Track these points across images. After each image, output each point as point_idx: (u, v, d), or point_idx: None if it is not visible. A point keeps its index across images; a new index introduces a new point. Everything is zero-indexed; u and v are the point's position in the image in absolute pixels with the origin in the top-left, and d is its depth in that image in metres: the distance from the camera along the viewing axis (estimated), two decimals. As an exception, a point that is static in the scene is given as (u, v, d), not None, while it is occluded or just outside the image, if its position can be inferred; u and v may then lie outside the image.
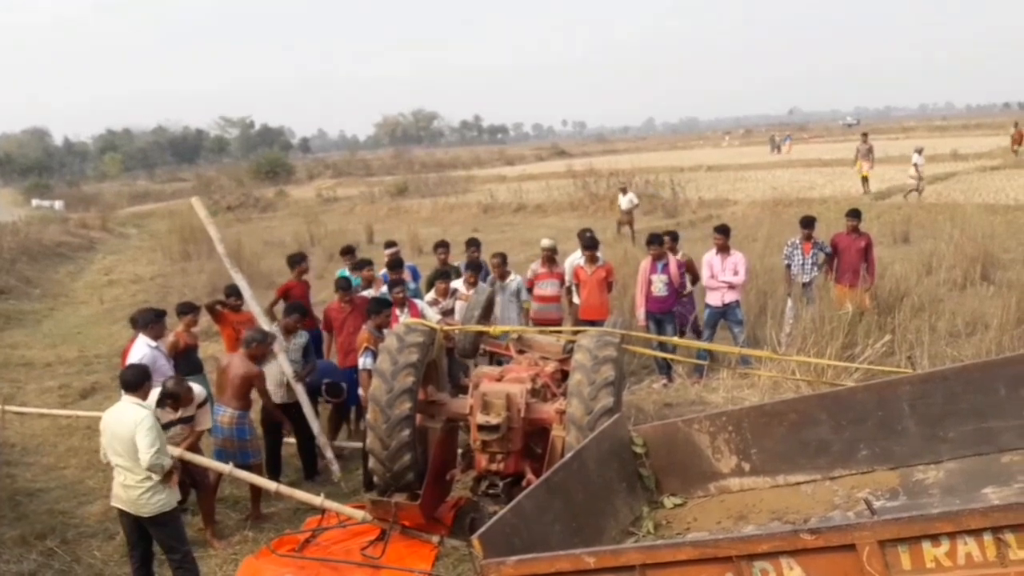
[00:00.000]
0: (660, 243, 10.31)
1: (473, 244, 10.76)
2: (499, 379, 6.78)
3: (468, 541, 4.75)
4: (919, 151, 26.77)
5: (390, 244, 11.94)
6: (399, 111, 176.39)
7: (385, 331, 7.80)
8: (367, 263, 10.39)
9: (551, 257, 10.54)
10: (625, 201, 22.68)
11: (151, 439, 5.67)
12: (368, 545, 6.76)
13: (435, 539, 6.76)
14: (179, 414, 6.93)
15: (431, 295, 9.74)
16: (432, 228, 26.99)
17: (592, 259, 10.33)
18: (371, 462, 6.60)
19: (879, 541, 3.46)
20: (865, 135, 32.27)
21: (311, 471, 8.49)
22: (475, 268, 9.87)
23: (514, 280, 10.14)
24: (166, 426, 6.71)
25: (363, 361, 7.90)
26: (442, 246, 11.15)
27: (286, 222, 33.38)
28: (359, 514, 6.88)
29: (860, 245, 10.90)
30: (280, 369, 8.23)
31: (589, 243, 10.44)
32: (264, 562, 6.66)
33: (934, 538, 3.43)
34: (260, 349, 7.59)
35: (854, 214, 11.26)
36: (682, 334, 10.32)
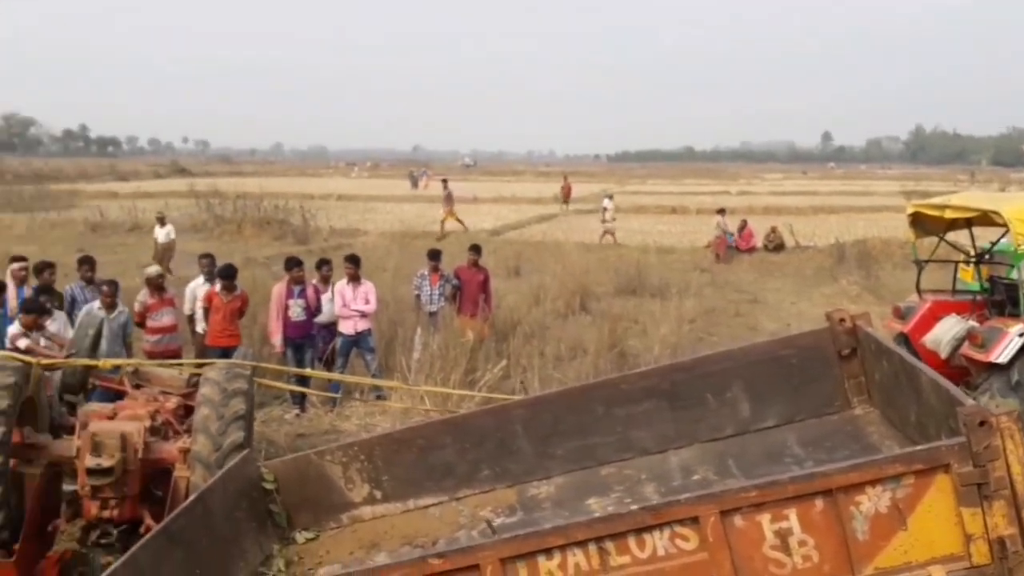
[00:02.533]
0: (300, 266, 10.21)
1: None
2: (112, 417, 6.17)
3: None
4: (610, 197, 28.98)
5: None
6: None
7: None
8: None
9: (160, 285, 9.88)
10: (163, 234, 20.20)
11: None
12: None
13: (31, 600, 5.97)
14: None
15: (16, 327, 8.45)
16: (29, 247, 23.89)
17: (229, 288, 9.87)
18: (-46, 518, 5.67)
19: (500, 559, 3.67)
20: (445, 181, 33.24)
21: None
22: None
23: (123, 312, 9.32)
24: None
25: None
26: (48, 267, 9.96)
27: None
28: (-64, 579, 5.86)
29: (479, 278, 11.70)
30: None
31: (225, 272, 9.95)
32: None
33: (547, 552, 3.71)
34: None
35: (475, 249, 12.08)
36: (323, 360, 10.24)
